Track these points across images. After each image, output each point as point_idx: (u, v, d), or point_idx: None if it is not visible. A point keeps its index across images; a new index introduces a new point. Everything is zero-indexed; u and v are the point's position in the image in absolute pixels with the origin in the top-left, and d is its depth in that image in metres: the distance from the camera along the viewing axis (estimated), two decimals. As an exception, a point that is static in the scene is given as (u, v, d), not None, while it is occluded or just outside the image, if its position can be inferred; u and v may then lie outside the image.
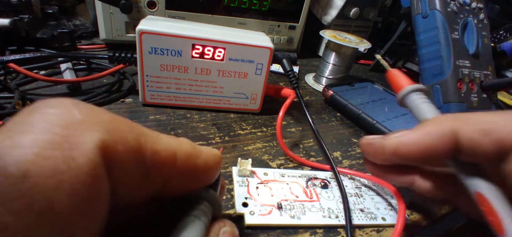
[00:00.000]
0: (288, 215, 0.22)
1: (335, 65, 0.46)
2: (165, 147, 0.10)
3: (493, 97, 0.44)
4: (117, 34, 0.43)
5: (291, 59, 0.36)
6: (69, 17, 0.57)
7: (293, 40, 0.55)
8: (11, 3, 0.38)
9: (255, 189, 0.24)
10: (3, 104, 0.29)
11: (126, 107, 0.33)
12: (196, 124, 0.32)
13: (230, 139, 0.31)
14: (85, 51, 0.45)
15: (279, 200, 0.23)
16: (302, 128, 0.35)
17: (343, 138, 0.35)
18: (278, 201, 0.23)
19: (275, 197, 0.23)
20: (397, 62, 0.62)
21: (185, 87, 0.32)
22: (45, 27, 0.43)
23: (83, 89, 0.35)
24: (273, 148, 0.31)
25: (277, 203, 0.23)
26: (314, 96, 0.45)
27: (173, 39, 0.29)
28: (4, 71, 0.34)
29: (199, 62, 0.31)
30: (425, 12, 0.41)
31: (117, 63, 0.33)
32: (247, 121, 0.35)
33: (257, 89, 0.34)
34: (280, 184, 0.25)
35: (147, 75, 0.31)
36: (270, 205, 0.23)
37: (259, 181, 0.25)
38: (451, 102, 0.39)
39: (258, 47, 0.31)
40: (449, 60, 0.40)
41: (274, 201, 0.23)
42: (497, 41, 0.56)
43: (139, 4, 0.42)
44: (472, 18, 0.42)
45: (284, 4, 0.49)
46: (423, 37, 0.42)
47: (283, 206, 0.23)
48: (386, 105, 0.41)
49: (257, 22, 0.49)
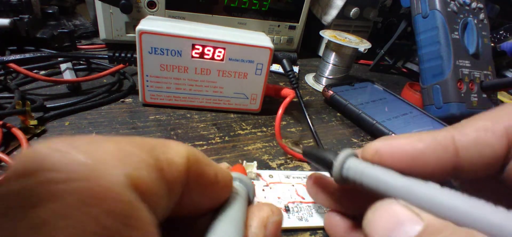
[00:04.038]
0: (295, 217, 0.22)
1: (335, 65, 0.46)
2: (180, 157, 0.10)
3: (493, 97, 0.44)
4: (117, 34, 0.43)
5: (291, 59, 0.36)
6: (69, 17, 0.57)
7: (293, 40, 0.55)
8: (11, 3, 0.38)
9: (262, 191, 0.24)
10: (3, 105, 0.29)
11: (126, 107, 0.33)
12: (196, 124, 0.32)
13: (230, 139, 0.31)
14: (85, 51, 0.45)
15: (286, 203, 0.23)
16: (302, 128, 0.35)
17: (343, 138, 0.35)
18: (285, 204, 0.23)
19: (282, 200, 0.24)
20: (397, 62, 0.62)
21: (185, 87, 0.32)
22: (45, 27, 0.43)
23: (83, 89, 0.35)
24: (273, 148, 0.31)
25: (285, 206, 0.23)
26: (314, 96, 0.45)
27: (173, 39, 0.29)
28: (4, 71, 0.34)
29: (199, 62, 0.31)
30: (425, 12, 0.41)
31: (117, 63, 0.33)
32: (247, 121, 0.35)
33: (257, 89, 0.34)
34: (286, 186, 0.25)
35: (147, 75, 0.31)
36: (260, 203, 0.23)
37: (265, 183, 0.25)
38: (451, 102, 0.39)
39: (258, 47, 0.31)
40: (449, 60, 0.40)
41: (282, 203, 0.23)
42: (497, 41, 0.56)
43: (139, 4, 0.42)
44: (472, 18, 0.42)
45: (284, 4, 0.49)
46: (423, 37, 0.42)
47: (291, 208, 0.23)
48: (386, 105, 0.41)
49: (257, 22, 0.49)
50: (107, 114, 0.31)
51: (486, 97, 0.43)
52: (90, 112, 0.31)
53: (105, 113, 0.31)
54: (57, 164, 0.07)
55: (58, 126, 0.28)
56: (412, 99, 0.45)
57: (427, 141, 0.13)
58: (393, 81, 0.58)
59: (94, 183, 0.07)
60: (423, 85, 0.43)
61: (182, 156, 0.10)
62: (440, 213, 0.10)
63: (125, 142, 0.09)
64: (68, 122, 0.29)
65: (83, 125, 0.29)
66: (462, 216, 0.09)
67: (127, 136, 0.09)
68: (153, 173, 0.08)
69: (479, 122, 0.13)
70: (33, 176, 0.07)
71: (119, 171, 0.07)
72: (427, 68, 0.42)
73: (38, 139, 0.26)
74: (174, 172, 0.09)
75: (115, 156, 0.08)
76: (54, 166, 0.07)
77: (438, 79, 0.40)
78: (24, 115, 0.26)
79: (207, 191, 0.11)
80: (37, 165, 0.07)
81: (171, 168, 0.09)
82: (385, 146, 0.14)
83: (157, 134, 0.29)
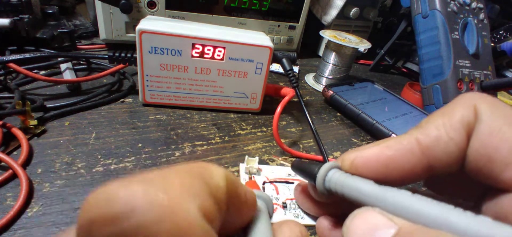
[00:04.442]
0: (292, 214, 0.22)
1: (335, 65, 0.46)
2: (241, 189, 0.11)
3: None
4: (117, 34, 0.43)
5: (290, 59, 0.36)
6: (69, 17, 0.57)
7: (293, 40, 0.55)
8: (11, 3, 0.38)
9: (262, 186, 0.24)
10: (3, 105, 0.29)
11: (126, 107, 0.33)
12: (196, 124, 0.32)
13: (230, 139, 0.31)
14: (85, 51, 0.45)
15: (284, 199, 0.24)
16: (302, 128, 0.35)
17: (343, 137, 0.35)
18: (283, 200, 0.23)
19: (281, 196, 0.24)
20: (397, 62, 0.62)
21: (185, 87, 0.32)
22: (45, 27, 0.43)
23: (83, 89, 0.35)
24: (273, 148, 0.30)
25: (282, 202, 0.23)
26: (314, 96, 0.45)
27: (173, 38, 0.29)
28: (4, 71, 0.34)
29: (199, 61, 0.31)
30: (425, 12, 0.41)
31: (117, 63, 0.33)
32: (247, 120, 0.35)
33: (257, 89, 0.34)
34: (286, 183, 0.25)
35: (147, 75, 0.31)
36: (275, 204, 0.23)
37: (265, 179, 0.25)
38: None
39: (258, 47, 0.31)
40: (449, 60, 0.40)
41: (279, 200, 0.23)
42: (497, 41, 0.56)
43: (139, 4, 0.42)
44: (472, 18, 0.42)
45: (284, 4, 0.49)
46: (423, 37, 0.42)
47: (288, 205, 0.23)
48: (386, 105, 0.41)
49: (257, 22, 0.49)
50: (107, 114, 0.31)
51: (486, 97, 0.43)
52: (90, 112, 0.31)
53: (105, 113, 0.31)
54: (144, 207, 0.07)
55: (58, 126, 0.28)
56: (412, 99, 0.45)
57: (394, 147, 0.14)
58: (393, 81, 0.58)
59: (179, 219, 0.07)
60: (423, 85, 0.43)
61: (223, 179, 0.10)
62: (411, 217, 0.11)
63: (181, 172, 0.09)
64: (68, 122, 0.29)
65: (83, 125, 0.29)
66: (431, 219, 0.10)
67: (175, 166, 0.10)
68: (211, 200, 0.09)
69: (437, 119, 0.14)
70: (125, 221, 0.07)
71: (193, 205, 0.08)
72: (427, 68, 0.42)
73: (38, 139, 0.26)
74: (221, 195, 0.10)
75: (183, 189, 0.08)
76: (142, 210, 0.07)
77: (438, 79, 0.40)
78: (24, 115, 0.26)
79: (239, 211, 0.12)
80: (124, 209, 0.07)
81: (219, 191, 0.10)
82: (358, 157, 0.14)
83: (157, 134, 0.29)
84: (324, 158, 0.29)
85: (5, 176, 0.21)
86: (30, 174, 0.22)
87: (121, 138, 0.28)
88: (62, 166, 0.24)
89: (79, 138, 0.27)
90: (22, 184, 0.21)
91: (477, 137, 0.13)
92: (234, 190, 0.11)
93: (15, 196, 0.20)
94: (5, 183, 0.21)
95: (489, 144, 0.12)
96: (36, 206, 0.20)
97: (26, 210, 0.20)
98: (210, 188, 0.09)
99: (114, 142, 0.27)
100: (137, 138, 0.28)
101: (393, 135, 0.33)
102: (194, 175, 0.09)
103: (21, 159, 0.23)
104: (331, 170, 0.15)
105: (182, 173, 0.09)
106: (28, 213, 0.20)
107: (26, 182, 0.21)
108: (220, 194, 0.10)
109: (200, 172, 0.10)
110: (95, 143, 0.27)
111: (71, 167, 0.24)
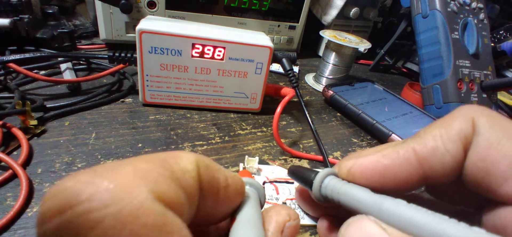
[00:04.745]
0: None
1: (335, 65, 0.46)
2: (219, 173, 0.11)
3: (493, 97, 0.45)
4: (117, 34, 0.43)
5: (290, 59, 0.36)
6: (69, 17, 0.57)
7: (293, 40, 0.55)
8: (11, 3, 0.38)
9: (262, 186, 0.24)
10: (3, 105, 0.29)
11: (126, 107, 0.33)
12: (196, 124, 0.32)
13: (230, 139, 0.31)
14: (85, 51, 0.45)
15: (284, 199, 0.24)
16: (302, 128, 0.35)
17: (343, 137, 0.35)
18: (283, 200, 0.23)
19: (281, 196, 0.24)
20: (397, 62, 0.62)
21: (185, 87, 0.32)
22: (45, 27, 0.43)
23: (83, 89, 0.35)
24: (273, 148, 0.30)
25: (282, 202, 0.23)
26: (314, 96, 0.45)
27: (173, 38, 0.29)
28: (4, 71, 0.34)
29: (199, 61, 0.31)
30: (425, 12, 0.41)
31: (117, 63, 0.33)
32: (247, 120, 0.35)
33: (257, 89, 0.34)
34: (286, 183, 0.25)
35: (147, 75, 0.31)
36: (275, 204, 0.23)
37: (265, 179, 0.25)
38: (451, 102, 0.39)
39: (258, 47, 0.31)
40: (449, 60, 0.40)
41: (280, 200, 0.24)
42: (497, 41, 0.56)
43: (139, 4, 0.42)
44: (472, 18, 0.42)
45: (284, 4, 0.49)
46: (423, 37, 0.42)
47: (288, 205, 0.23)
48: (386, 105, 0.41)
49: (257, 22, 0.49)
50: (107, 114, 0.31)
51: (486, 97, 0.43)
52: (90, 112, 0.31)
53: (105, 113, 0.31)
54: (88, 194, 0.07)
55: (58, 125, 0.28)
56: (412, 99, 0.45)
57: (391, 157, 0.14)
58: (393, 81, 0.58)
59: (126, 203, 0.07)
60: (423, 85, 0.43)
61: (192, 162, 0.10)
62: (406, 227, 0.11)
63: (139, 160, 0.09)
64: (68, 122, 0.29)
65: (83, 125, 0.29)
66: (425, 230, 0.10)
67: (140, 155, 0.10)
68: (171, 184, 0.09)
69: (435, 130, 0.14)
70: (69, 210, 0.07)
71: (143, 188, 0.08)
72: (427, 68, 0.42)
73: (38, 139, 0.26)
74: (189, 179, 0.10)
75: (135, 175, 0.08)
76: (86, 197, 0.07)
77: (438, 79, 0.40)
78: (24, 115, 0.26)
79: (220, 196, 0.11)
80: (69, 199, 0.07)
81: (186, 175, 0.10)
82: (355, 165, 0.14)
83: (157, 134, 0.29)
84: (324, 158, 0.29)
85: (5, 176, 0.21)
86: (30, 174, 0.22)
87: (121, 138, 0.28)
88: (62, 166, 0.24)
89: (79, 138, 0.27)
90: (22, 184, 0.21)
91: (475, 150, 0.13)
92: (209, 174, 0.11)
93: (15, 196, 0.20)
94: (5, 183, 0.21)
95: (487, 158, 0.12)
96: (36, 206, 0.20)
97: (26, 210, 0.20)
98: (174, 173, 0.09)
99: (114, 142, 0.27)
100: (137, 138, 0.28)
101: (393, 134, 0.33)
102: (152, 162, 0.09)
103: (21, 159, 0.23)
104: (327, 177, 0.15)
105: (139, 161, 0.09)
106: (28, 213, 0.20)
107: (26, 182, 0.21)
108: (187, 178, 0.10)
109: (163, 158, 0.10)
110: (95, 143, 0.27)
111: (71, 167, 0.24)
